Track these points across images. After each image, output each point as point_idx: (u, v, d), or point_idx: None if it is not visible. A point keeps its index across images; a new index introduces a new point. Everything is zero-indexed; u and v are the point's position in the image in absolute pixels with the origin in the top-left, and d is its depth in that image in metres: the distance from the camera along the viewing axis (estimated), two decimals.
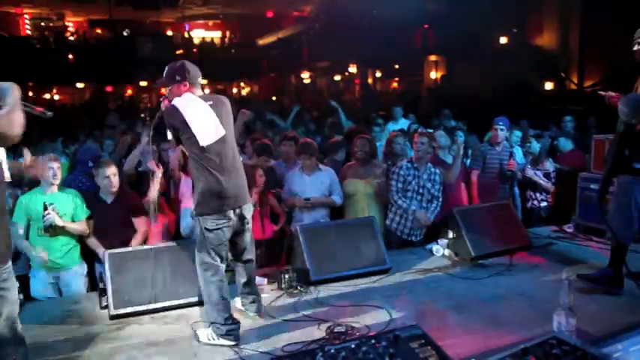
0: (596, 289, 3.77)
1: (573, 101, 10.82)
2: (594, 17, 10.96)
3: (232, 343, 3.21)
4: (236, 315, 3.66)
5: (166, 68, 3.32)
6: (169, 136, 3.32)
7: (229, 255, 3.46)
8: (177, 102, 3.18)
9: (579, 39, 11.89)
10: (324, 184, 5.02)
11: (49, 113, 2.52)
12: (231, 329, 3.22)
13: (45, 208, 4.09)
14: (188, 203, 4.42)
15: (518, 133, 6.97)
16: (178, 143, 3.30)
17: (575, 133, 7.68)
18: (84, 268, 4.46)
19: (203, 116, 3.15)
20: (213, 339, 3.23)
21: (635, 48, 3.58)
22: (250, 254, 3.54)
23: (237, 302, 3.68)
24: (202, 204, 3.22)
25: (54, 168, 4.21)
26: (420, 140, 5.01)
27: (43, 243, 4.17)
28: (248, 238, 3.50)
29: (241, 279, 3.55)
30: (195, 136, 3.11)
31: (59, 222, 4.13)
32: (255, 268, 3.62)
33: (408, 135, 6.66)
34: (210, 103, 3.21)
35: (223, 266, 3.29)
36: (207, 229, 3.20)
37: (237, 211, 3.29)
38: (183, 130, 3.14)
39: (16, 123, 2.21)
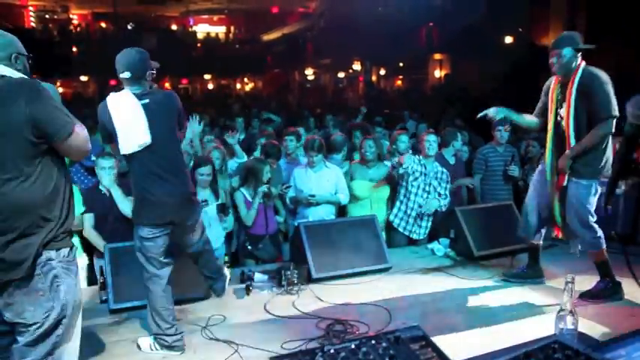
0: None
1: None
2: (600, 18, 10.91)
3: (178, 353, 3.09)
4: (234, 310, 3.67)
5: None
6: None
7: (187, 249, 3.35)
8: (109, 100, 2.92)
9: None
10: (329, 181, 4.99)
11: None
12: (175, 340, 3.10)
13: None
14: None
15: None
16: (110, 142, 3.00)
17: None
18: (84, 261, 4.45)
19: (129, 119, 2.86)
20: (157, 349, 3.10)
21: (551, 61, 3.78)
22: (199, 246, 3.36)
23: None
24: (137, 212, 3.05)
25: None
26: (430, 139, 5.00)
27: None
28: (195, 237, 3.32)
29: (202, 269, 3.52)
30: (119, 143, 2.89)
31: None
32: (211, 253, 3.54)
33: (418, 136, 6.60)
34: (146, 102, 2.91)
35: (164, 271, 3.11)
36: (143, 237, 3.03)
37: (178, 221, 3.09)
38: (112, 132, 2.90)
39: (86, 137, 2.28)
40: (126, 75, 2.91)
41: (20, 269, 2.11)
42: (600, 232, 3.77)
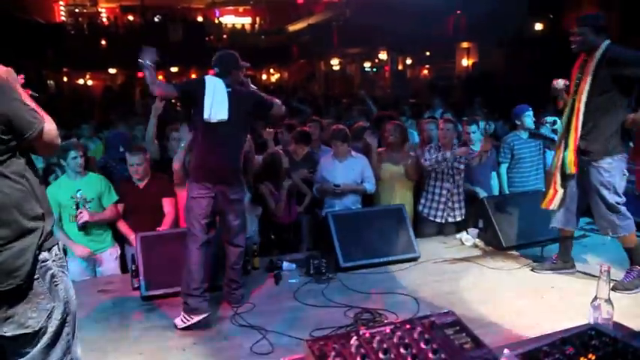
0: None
1: None
2: (636, 5, 10.58)
3: (202, 316, 3.26)
4: (264, 298, 3.70)
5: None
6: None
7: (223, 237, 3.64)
8: (207, 77, 3.52)
9: (619, 28, 11.51)
10: (355, 170, 4.99)
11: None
12: (198, 301, 3.28)
13: (77, 208, 4.15)
14: None
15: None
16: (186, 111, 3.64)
17: None
18: (117, 250, 4.54)
19: (218, 97, 3.43)
20: (187, 320, 3.27)
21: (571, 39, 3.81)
22: (240, 240, 3.64)
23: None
24: (191, 171, 3.57)
25: (77, 157, 4.26)
26: (446, 127, 5.01)
27: (74, 228, 4.25)
28: (237, 222, 3.60)
29: (228, 261, 3.65)
30: (203, 109, 3.40)
31: (92, 218, 4.20)
32: (242, 255, 3.71)
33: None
34: (230, 90, 3.47)
35: (203, 234, 3.41)
36: (192, 197, 3.45)
37: (220, 187, 3.47)
38: (199, 100, 3.42)
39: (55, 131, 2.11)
40: (215, 70, 3.55)
41: (18, 276, 1.95)
42: (629, 215, 3.74)
